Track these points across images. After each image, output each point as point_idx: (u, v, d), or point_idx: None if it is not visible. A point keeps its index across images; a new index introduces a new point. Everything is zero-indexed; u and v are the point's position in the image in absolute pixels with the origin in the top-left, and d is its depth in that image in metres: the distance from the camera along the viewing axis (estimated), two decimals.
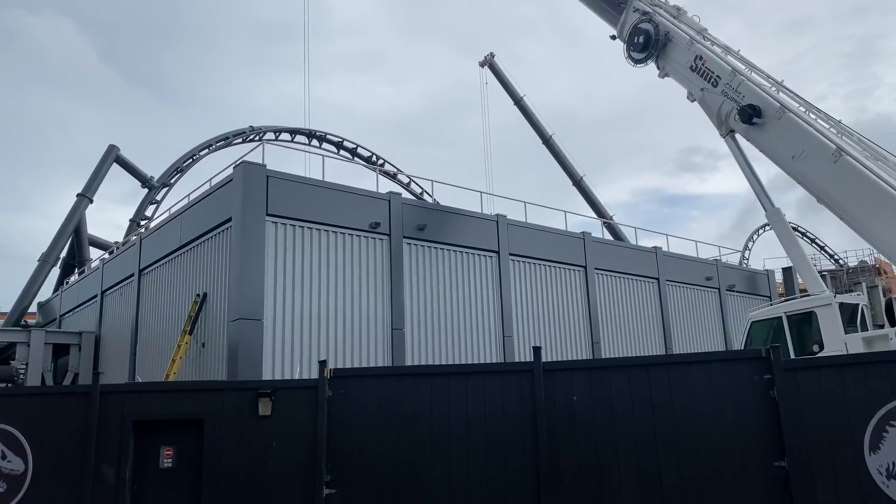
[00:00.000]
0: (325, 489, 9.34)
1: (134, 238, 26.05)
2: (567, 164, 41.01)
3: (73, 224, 34.70)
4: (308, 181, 19.12)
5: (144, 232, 25.91)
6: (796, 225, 46.70)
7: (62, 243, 34.60)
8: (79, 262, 35.58)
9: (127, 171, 37.49)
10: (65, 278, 35.82)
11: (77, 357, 27.71)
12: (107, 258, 28.97)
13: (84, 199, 35.13)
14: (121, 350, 24.86)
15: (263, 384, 10.67)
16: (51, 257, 33.96)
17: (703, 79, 18.78)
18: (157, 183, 37.81)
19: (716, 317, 31.33)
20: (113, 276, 26.61)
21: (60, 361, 28.00)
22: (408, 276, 20.40)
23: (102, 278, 27.64)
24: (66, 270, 36.24)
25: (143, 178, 37.81)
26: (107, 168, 36.04)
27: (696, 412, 8.70)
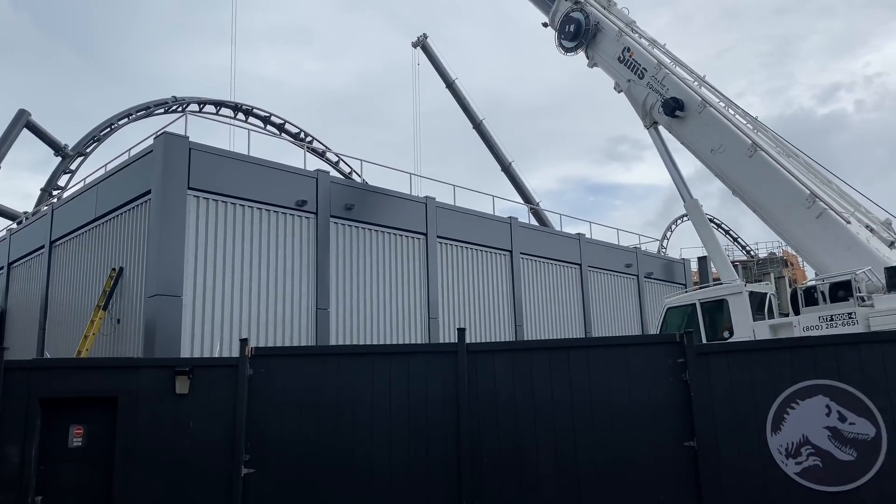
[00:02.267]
0: (244, 469, 9.21)
1: (45, 208, 24.78)
2: (496, 149, 41.32)
3: None
4: (233, 155, 18.62)
5: (57, 202, 24.68)
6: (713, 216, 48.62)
7: None
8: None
9: (38, 137, 35.55)
10: None
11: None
12: (14, 228, 27.47)
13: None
14: (28, 325, 23.69)
15: (181, 362, 10.39)
16: None
17: (629, 70, 19.25)
18: (72, 152, 36.00)
19: (634, 302, 32.38)
20: (21, 247, 25.28)
21: None
22: (334, 255, 20.20)
23: (9, 250, 26.22)
24: None
25: (56, 146, 35.92)
26: (16, 134, 34.09)
27: (612, 394, 8.98)
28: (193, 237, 17.11)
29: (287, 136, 40.12)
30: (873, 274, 14.42)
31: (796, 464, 8.35)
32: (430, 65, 41.77)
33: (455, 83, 41.22)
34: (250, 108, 39.08)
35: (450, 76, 41.30)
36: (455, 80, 41.25)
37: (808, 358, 8.58)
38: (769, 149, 17.19)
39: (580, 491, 8.79)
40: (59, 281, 22.08)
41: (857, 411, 8.26)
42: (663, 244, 48.73)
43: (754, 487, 8.41)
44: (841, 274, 14.70)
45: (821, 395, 8.40)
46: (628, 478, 8.71)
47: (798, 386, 8.48)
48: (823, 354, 8.56)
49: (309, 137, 40.40)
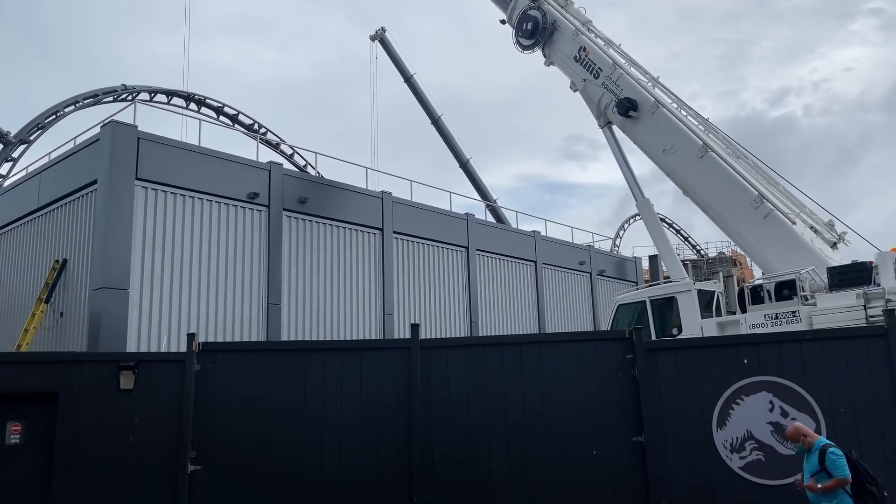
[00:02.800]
0: (191, 465, 9.03)
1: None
2: (455, 145, 41.28)
3: None
4: (183, 146, 18.20)
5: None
6: (664, 216, 49.46)
7: None
8: None
9: None
10: None
11: None
12: None
13: None
14: None
15: (126, 356, 10.15)
16: None
17: (585, 70, 19.43)
18: (14, 139, 34.69)
19: (587, 299, 32.79)
20: None
21: None
22: (287, 249, 19.92)
23: None
24: None
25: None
26: None
27: (563, 389, 9.05)
28: (141, 229, 16.68)
29: (240, 127, 39.38)
30: (817, 273, 14.85)
31: (740, 458, 8.54)
32: (388, 59, 41.52)
33: (413, 78, 41.04)
34: (203, 98, 38.22)
35: (408, 71, 41.10)
36: (413, 75, 41.07)
37: (753, 355, 8.78)
38: (720, 150, 17.56)
39: (531, 486, 8.85)
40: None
41: (798, 407, 8.49)
42: (616, 242, 49.43)
43: (700, 481, 8.57)
44: (786, 273, 15.10)
45: (765, 391, 8.61)
46: (578, 472, 8.79)
47: (743, 382, 8.68)
48: (768, 352, 8.78)
49: (263, 129, 39.74)
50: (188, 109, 37.19)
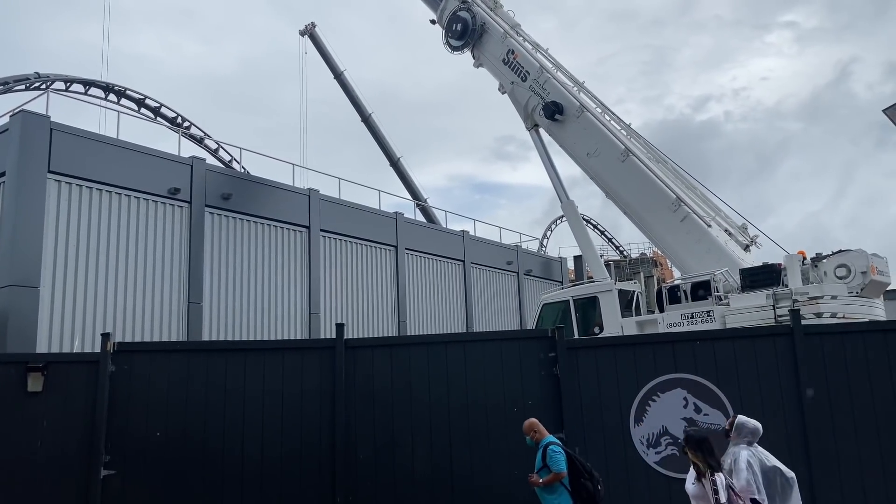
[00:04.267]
0: (104, 470, 8.70)
1: None
2: (385, 143, 41.11)
3: None
4: (100, 138, 17.49)
5: None
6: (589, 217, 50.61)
7: None
8: None
9: None
10: None
11: None
12: None
13: None
14: None
15: (34, 357, 9.68)
16: None
17: (513, 73, 19.71)
18: None
19: (514, 298, 33.25)
20: None
21: None
22: (209, 247, 19.42)
23: None
24: None
25: None
26: None
27: (488, 388, 9.15)
28: (53, 224, 15.94)
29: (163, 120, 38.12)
30: (730, 275, 15.51)
31: (656, 453, 8.83)
32: (318, 54, 41.00)
33: (343, 75, 40.66)
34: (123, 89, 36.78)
35: (338, 67, 40.69)
36: (344, 72, 40.69)
37: (669, 353, 9.09)
38: (641, 154, 18.12)
39: (454, 485, 8.91)
40: None
41: (710, 403, 8.84)
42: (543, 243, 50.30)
43: (618, 476, 8.82)
44: (701, 274, 15.71)
45: (679, 387, 8.93)
46: (502, 470, 8.90)
47: (659, 379, 8.97)
48: (682, 350, 9.10)
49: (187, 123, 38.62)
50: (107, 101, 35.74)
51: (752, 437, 6.62)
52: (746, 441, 6.59)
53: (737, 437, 6.64)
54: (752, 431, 6.62)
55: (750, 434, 6.60)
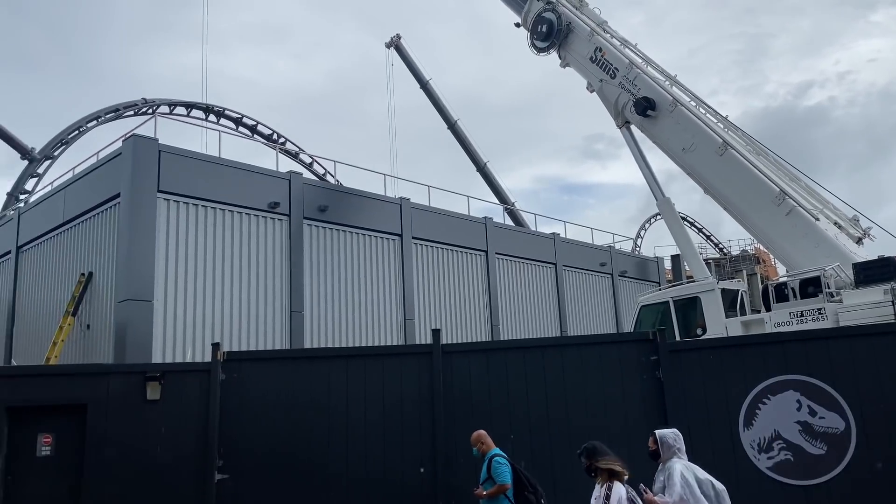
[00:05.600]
0: (217, 475, 9.10)
1: (11, 213, 24.29)
2: (471, 149, 41.32)
3: None
4: (204, 157, 18.40)
5: (23, 206, 24.20)
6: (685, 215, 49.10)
7: None
8: None
9: (4, 140, 34.82)
10: None
11: None
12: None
13: None
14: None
15: (152, 367, 10.24)
16: None
17: (602, 70, 19.36)
18: (39, 155, 35.30)
19: (609, 301, 32.60)
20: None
21: None
22: (308, 258, 20.05)
23: None
24: None
25: (22, 149, 35.19)
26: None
27: (587, 392, 9.01)
28: (164, 240, 16.87)
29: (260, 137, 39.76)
30: (842, 270, 14.65)
31: (768, 458, 8.44)
32: (404, 65, 41.69)
33: (429, 84, 41.16)
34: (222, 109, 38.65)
35: (424, 77, 41.23)
36: (429, 81, 41.19)
37: (779, 354, 8.68)
38: (739, 147, 17.40)
39: (555, 487, 8.80)
40: (27, 286, 21.64)
41: (827, 406, 8.37)
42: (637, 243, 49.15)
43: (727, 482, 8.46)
44: (810, 270, 14.92)
45: (791, 389, 8.50)
46: None
47: (769, 381, 8.58)
48: (794, 350, 8.67)
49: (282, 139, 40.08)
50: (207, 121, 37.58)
51: (680, 446, 6.38)
52: (676, 453, 6.36)
53: (666, 452, 6.40)
54: (675, 439, 6.39)
55: (676, 444, 6.37)
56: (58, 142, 35.85)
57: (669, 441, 6.42)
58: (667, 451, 6.42)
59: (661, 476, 6.40)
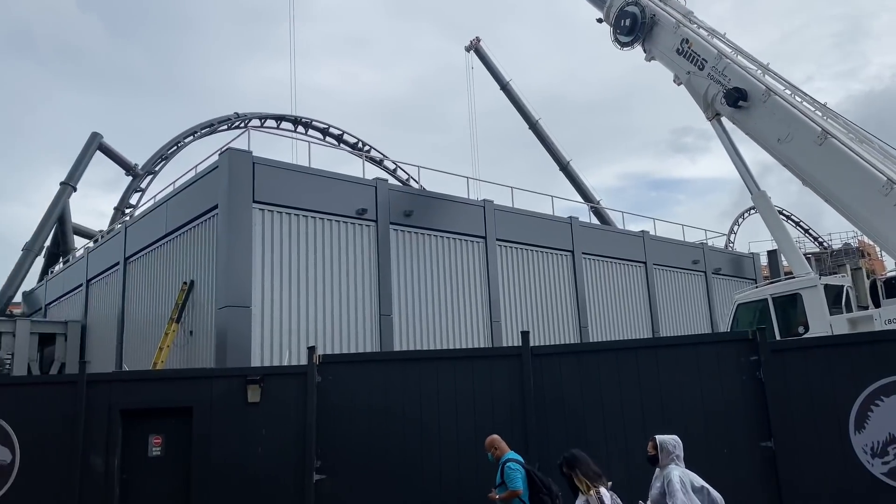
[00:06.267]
0: (315, 475, 9.35)
1: (119, 226, 25.83)
2: (554, 148, 40.99)
3: (57, 212, 34.35)
4: (294, 168, 19.01)
5: (129, 220, 25.68)
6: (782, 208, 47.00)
7: (46, 232, 34.25)
8: (63, 251, 35.23)
9: (110, 158, 37.09)
10: (49, 267, 35.46)
11: (63, 347, 27.51)
12: (91, 247, 28.71)
13: (68, 187, 34.76)
14: (107, 339, 24.70)
15: (252, 371, 10.61)
16: (35, 246, 33.60)
17: (689, 62, 18.78)
18: (142, 171, 37.45)
19: (702, 300, 31.55)
20: (98, 264, 26.39)
21: (46, 351, 27.81)
22: (395, 262, 20.37)
23: (87, 267, 27.40)
24: (51, 259, 35.88)
25: (126, 166, 37.42)
26: (90, 156, 35.65)
27: (683, 394, 8.76)
28: (260, 249, 17.52)
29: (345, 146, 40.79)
30: None
31: (883, 463, 7.98)
32: (483, 67, 41.79)
33: (509, 84, 41.11)
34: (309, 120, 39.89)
35: (504, 78, 41.21)
36: (509, 82, 41.14)
37: (892, 352, 8.18)
38: (840, 135, 16.48)
39: None
40: (134, 295, 22.94)
41: None
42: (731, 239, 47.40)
43: (839, 488, 8.06)
44: None
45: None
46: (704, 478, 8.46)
47: (882, 382, 8.11)
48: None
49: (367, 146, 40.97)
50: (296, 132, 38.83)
51: (679, 453, 6.37)
52: (675, 460, 6.33)
53: (665, 458, 6.35)
54: (675, 446, 6.37)
55: (675, 450, 6.36)
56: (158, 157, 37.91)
57: (669, 447, 6.40)
58: (665, 457, 6.39)
59: (657, 482, 6.35)
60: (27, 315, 33.53)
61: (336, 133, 40.84)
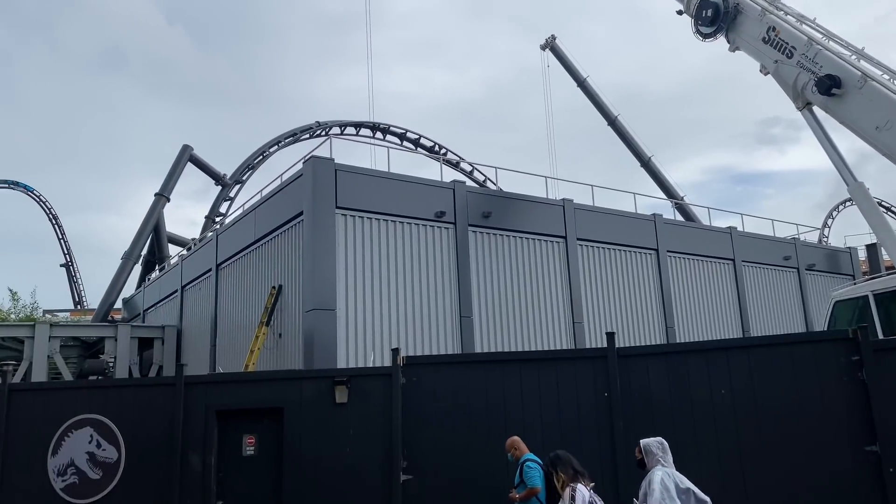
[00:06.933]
0: (402, 475, 9.48)
1: (210, 234, 26.92)
2: (634, 144, 40.18)
3: (153, 223, 36.10)
4: (374, 173, 19.34)
5: (220, 228, 26.71)
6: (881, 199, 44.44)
7: (143, 241, 36.05)
8: (159, 259, 37.03)
9: (200, 169, 38.73)
10: (146, 275, 37.35)
11: (160, 350, 28.92)
12: (185, 254, 30.03)
13: (162, 198, 36.49)
14: (201, 342, 25.81)
15: (340, 372, 10.84)
16: (133, 255, 35.43)
17: (776, 50, 18.05)
18: (230, 180, 38.94)
19: (795, 297, 30.20)
20: (191, 271, 27.60)
21: (145, 354, 29.28)
22: (474, 263, 20.42)
23: (182, 274, 28.70)
24: (148, 267, 37.79)
25: (216, 176, 38.99)
26: (182, 167, 37.29)
27: (778, 397, 8.43)
28: (343, 253, 17.91)
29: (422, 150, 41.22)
30: None
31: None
32: (559, 65, 41.40)
33: (587, 81, 40.57)
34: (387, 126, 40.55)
35: (581, 75, 40.70)
36: (587, 79, 40.60)
37: None
38: None
39: (748, 498, 8.30)
40: (226, 300, 23.87)
41: None
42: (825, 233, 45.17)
43: None
44: None
45: None
46: (799, 486, 8.11)
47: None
48: None
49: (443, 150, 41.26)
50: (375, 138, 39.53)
51: (663, 455, 6.58)
52: (660, 462, 6.55)
53: (650, 461, 6.60)
54: (659, 448, 6.60)
55: (659, 453, 6.57)
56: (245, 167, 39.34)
57: (653, 450, 6.67)
58: (651, 459, 6.64)
59: (644, 483, 6.56)
60: (127, 320, 35.38)
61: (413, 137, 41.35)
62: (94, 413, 10.40)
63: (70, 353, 28.59)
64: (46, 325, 28.46)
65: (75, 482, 10.24)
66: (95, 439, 10.32)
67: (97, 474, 10.23)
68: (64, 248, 54.38)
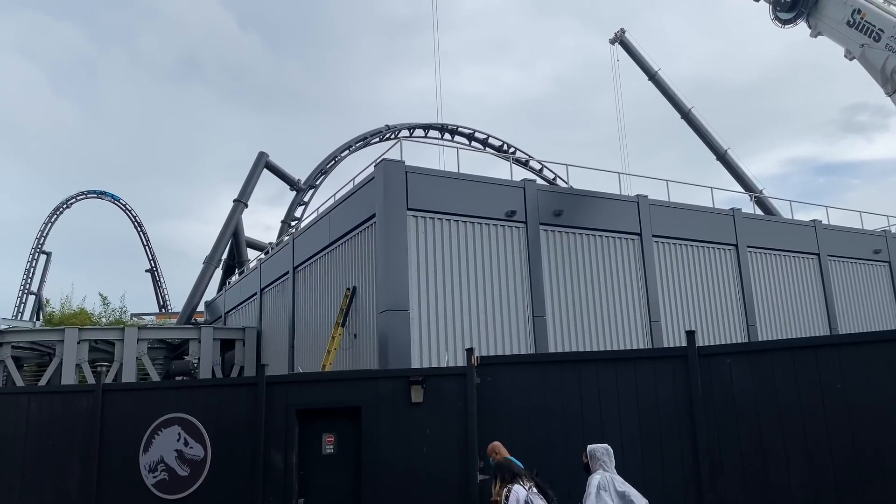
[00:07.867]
0: (479, 475, 9.49)
1: (287, 238, 27.60)
2: (709, 137, 39.01)
3: (232, 228, 37.29)
4: (444, 174, 19.43)
5: (296, 232, 27.37)
6: None
7: (223, 246, 37.27)
8: (238, 263, 38.23)
9: (275, 175, 39.78)
10: (227, 278, 38.63)
11: (242, 351, 29.86)
12: (263, 258, 30.91)
13: (240, 204, 37.66)
14: (280, 343, 26.50)
15: (415, 372, 10.94)
16: (213, 259, 36.69)
17: (862, 34, 17.23)
18: (304, 185, 39.87)
19: (887, 292, 28.67)
20: (269, 274, 28.39)
21: (227, 355, 30.29)
22: (546, 262, 20.23)
23: (260, 277, 29.55)
24: (228, 271, 39.07)
25: (290, 181, 39.99)
26: (258, 174, 38.38)
27: (873, 397, 8.01)
28: (415, 254, 18.06)
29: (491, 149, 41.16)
30: None
31: None
32: (629, 59, 40.61)
33: (658, 74, 39.64)
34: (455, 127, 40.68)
35: (652, 68, 39.81)
36: (658, 72, 39.68)
37: None
38: None
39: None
40: (303, 302, 24.43)
41: None
42: None
43: None
44: None
45: None
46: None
47: None
48: None
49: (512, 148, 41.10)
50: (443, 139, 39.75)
51: (607, 461, 6.92)
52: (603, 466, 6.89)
53: (594, 465, 6.94)
54: (604, 454, 6.97)
55: (604, 458, 6.93)
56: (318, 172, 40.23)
57: (598, 455, 7.02)
58: (595, 464, 6.98)
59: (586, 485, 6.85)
60: (210, 322, 36.69)
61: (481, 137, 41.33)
62: (182, 412, 10.83)
63: (156, 354, 29.88)
64: (135, 328, 29.85)
65: (165, 478, 10.69)
66: (183, 437, 10.75)
67: (185, 471, 10.64)
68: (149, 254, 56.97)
